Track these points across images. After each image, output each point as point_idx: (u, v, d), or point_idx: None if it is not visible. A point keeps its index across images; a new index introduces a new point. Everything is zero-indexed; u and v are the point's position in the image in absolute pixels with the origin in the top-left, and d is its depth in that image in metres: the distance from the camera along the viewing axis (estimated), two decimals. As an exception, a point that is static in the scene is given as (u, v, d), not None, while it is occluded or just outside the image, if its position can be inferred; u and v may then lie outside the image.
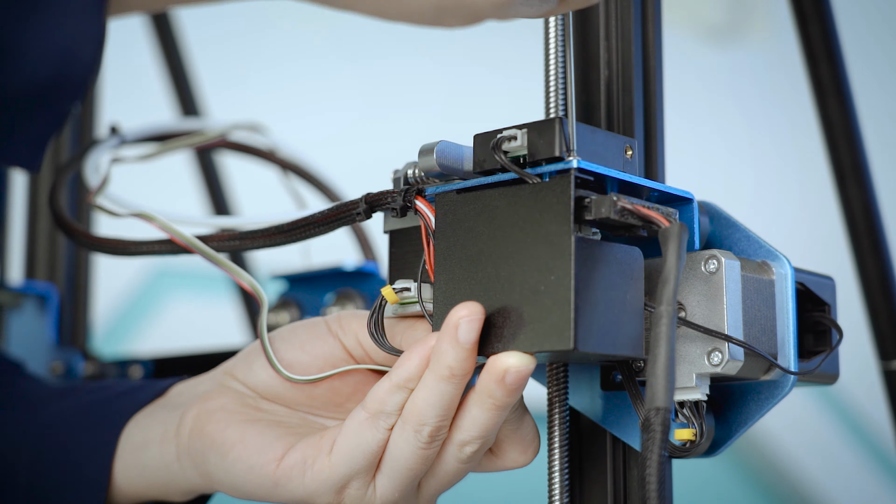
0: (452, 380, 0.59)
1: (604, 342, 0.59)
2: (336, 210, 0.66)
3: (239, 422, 0.66)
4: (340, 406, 0.67)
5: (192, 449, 0.67)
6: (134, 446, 0.71)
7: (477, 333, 0.59)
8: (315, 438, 0.64)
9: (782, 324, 0.65)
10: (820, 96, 0.98)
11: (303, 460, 0.63)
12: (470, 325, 0.58)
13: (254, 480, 0.64)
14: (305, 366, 0.66)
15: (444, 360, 0.59)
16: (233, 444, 0.65)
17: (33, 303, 1.11)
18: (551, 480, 0.66)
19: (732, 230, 0.67)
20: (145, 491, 0.71)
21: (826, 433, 2.42)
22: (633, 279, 0.60)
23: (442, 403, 0.60)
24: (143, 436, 0.70)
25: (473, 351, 0.59)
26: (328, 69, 2.22)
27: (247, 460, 0.64)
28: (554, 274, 0.58)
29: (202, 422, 0.67)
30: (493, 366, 0.58)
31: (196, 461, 0.67)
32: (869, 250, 0.99)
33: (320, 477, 0.62)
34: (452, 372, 0.59)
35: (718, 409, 0.67)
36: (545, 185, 0.59)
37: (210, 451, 0.66)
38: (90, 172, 0.81)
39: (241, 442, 0.65)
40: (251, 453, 0.64)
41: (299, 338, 0.66)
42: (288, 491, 0.64)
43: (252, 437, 0.65)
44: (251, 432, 0.65)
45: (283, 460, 0.63)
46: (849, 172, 0.98)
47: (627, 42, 0.69)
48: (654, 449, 0.52)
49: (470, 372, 0.60)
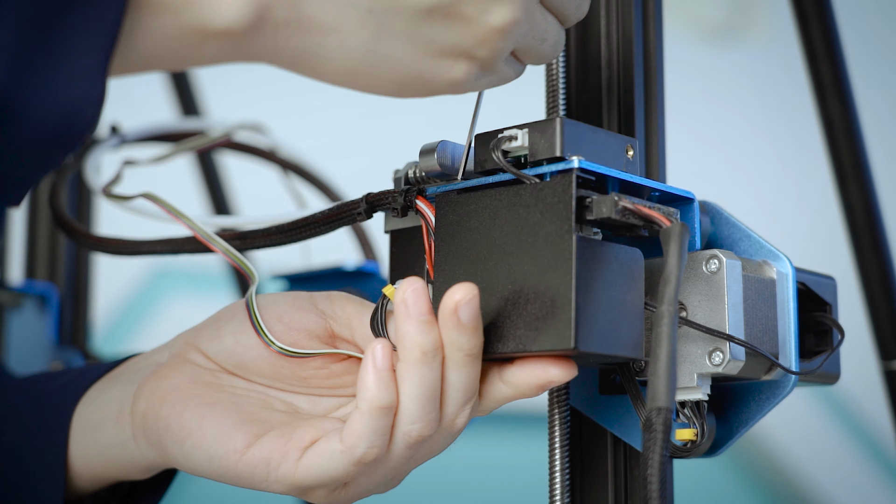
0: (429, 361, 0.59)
1: (604, 343, 0.58)
2: (337, 210, 0.66)
3: (196, 405, 0.64)
4: (304, 380, 0.65)
5: (147, 430, 0.65)
6: (91, 425, 0.69)
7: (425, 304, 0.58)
8: (281, 440, 0.62)
9: (783, 324, 0.65)
10: (820, 96, 0.98)
11: (267, 461, 0.61)
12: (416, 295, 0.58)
13: (214, 469, 0.63)
14: (278, 335, 0.64)
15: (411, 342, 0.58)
16: (189, 431, 0.63)
17: (33, 303, 1.11)
18: (552, 480, 0.66)
19: (733, 230, 0.67)
20: (104, 471, 0.69)
21: (826, 433, 2.42)
22: (634, 280, 0.60)
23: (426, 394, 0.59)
24: (98, 414, 0.69)
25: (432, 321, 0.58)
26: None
27: (206, 450, 0.63)
28: (555, 273, 0.58)
29: (156, 403, 0.65)
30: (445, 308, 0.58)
31: (152, 442, 0.65)
32: (870, 250, 0.99)
33: (285, 480, 0.61)
34: (424, 351, 0.58)
35: (719, 409, 0.67)
36: (546, 184, 0.59)
37: (166, 436, 0.64)
38: (90, 172, 0.81)
39: (198, 429, 0.63)
40: (210, 443, 0.63)
41: (278, 308, 0.65)
42: (249, 484, 0.62)
43: (210, 425, 0.63)
44: (209, 419, 0.63)
45: (246, 455, 0.62)
46: (849, 172, 0.98)
47: (628, 42, 0.69)
48: (656, 449, 0.52)
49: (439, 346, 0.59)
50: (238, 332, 0.65)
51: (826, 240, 1.51)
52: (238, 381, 0.66)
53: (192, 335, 0.67)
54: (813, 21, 0.97)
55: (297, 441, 0.62)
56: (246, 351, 0.65)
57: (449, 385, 0.60)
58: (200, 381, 0.65)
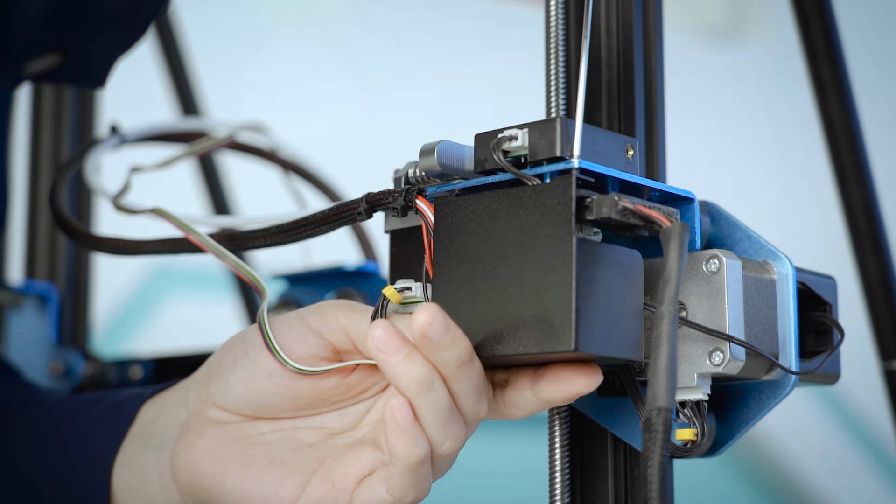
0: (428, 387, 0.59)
1: (604, 344, 0.58)
2: (337, 210, 0.66)
3: (234, 469, 0.65)
4: (325, 400, 0.65)
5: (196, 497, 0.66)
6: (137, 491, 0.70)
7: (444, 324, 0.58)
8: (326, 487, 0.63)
9: (783, 323, 0.65)
10: (820, 95, 0.98)
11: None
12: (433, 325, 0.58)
13: None
14: (284, 373, 0.64)
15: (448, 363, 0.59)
16: (237, 497, 0.64)
17: (33, 303, 1.11)
18: (552, 480, 0.66)
19: (734, 230, 0.67)
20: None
21: (826, 433, 2.42)
22: (633, 282, 0.60)
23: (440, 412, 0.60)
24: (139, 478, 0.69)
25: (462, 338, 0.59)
26: (328, 69, 2.22)
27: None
28: (555, 275, 0.58)
29: (196, 475, 0.66)
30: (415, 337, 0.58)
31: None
32: (870, 250, 0.99)
33: None
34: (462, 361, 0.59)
35: (719, 409, 0.67)
36: (546, 186, 0.59)
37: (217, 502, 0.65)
38: (90, 172, 0.81)
39: (244, 495, 0.64)
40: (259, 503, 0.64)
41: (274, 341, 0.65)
42: None
43: (254, 488, 0.64)
44: (250, 482, 0.64)
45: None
46: (850, 172, 0.98)
47: (628, 42, 0.69)
48: (656, 449, 0.52)
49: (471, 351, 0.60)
50: (247, 379, 0.65)
51: (826, 239, 1.51)
52: (263, 424, 0.66)
53: (203, 390, 0.67)
54: (813, 20, 0.97)
55: (341, 486, 0.63)
56: (261, 395, 0.65)
57: (458, 393, 0.60)
58: (229, 439, 0.66)
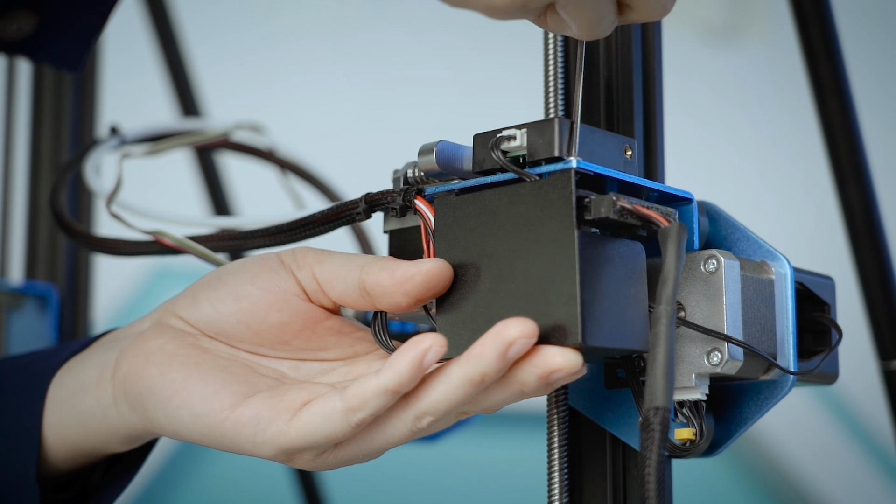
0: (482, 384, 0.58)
1: (610, 336, 0.59)
2: (336, 210, 0.67)
3: (181, 365, 0.63)
4: (287, 343, 0.65)
5: (129, 392, 0.64)
6: (68, 393, 0.68)
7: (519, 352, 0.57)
8: (272, 400, 0.61)
9: (782, 324, 0.65)
10: (819, 96, 0.98)
11: (256, 420, 0.60)
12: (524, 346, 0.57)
13: (199, 430, 0.62)
14: (255, 299, 0.64)
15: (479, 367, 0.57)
16: (175, 390, 0.62)
17: (33, 303, 1.11)
18: (551, 480, 0.66)
19: (732, 230, 0.68)
20: (83, 441, 0.68)
21: (826, 433, 2.42)
22: (637, 273, 0.60)
23: (459, 402, 0.59)
24: (77, 381, 0.68)
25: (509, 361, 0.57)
26: (328, 69, 2.22)
27: (191, 408, 0.62)
28: (558, 269, 0.58)
29: (140, 364, 0.64)
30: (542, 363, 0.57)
31: (135, 405, 0.65)
32: (868, 250, 0.99)
33: (273, 442, 0.60)
34: (485, 378, 0.57)
35: (718, 409, 0.67)
36: (545, 181, 0.59)
37: (150, 396, 0.63)
38: (90, 173, 0.82)
39: (184, 389, 0.62)
40: (195, 401, 0.62)
41: (249, 271, 0.64)
42: (235, 445, 0.61)
43: (196, 384, 0.62)
44: (194, 377, 0.62)
45: (234, 413, 0.61)
46: (848, 172, 0.98)
47: (627, 42, 0.69)
48: (654, 448, 0.52)
49: None
50: (215, 300, 0.65)
51: (825, 240, 1.51)
52: (221, 346, 0.65)
53: (170, 303, 0.67)
54: (812, 21, 0.97)
55: (288, 402, 0.61)
56: (225, 319, 0.64)
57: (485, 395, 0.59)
58: (184, 343, 0.64)
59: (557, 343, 0.58)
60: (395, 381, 0.57)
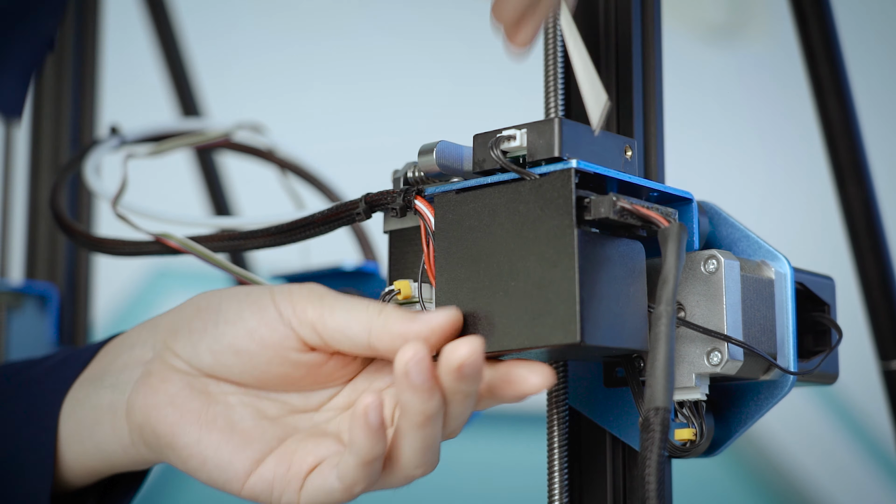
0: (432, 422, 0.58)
1: (609, 335, 0.59)
2: (336, 210, 0.67)
3: (192, 424, 0.64)
4: (293, 384, 0.65)
5: (147, 442, 0.65)
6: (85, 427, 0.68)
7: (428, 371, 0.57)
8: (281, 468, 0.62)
9: (782, 324, 0.65)
10: (819, 96, 0.98)
11: (268, 491, 0.62)
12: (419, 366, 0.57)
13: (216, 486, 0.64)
14: (255, 354, 0.63)
15: (413, 409, 0.58)
16: (189, 454, 0.64)
17: (33, 303, 1.11)
18: (551, 480, 0.66)
19: (732, 230, 0.68)
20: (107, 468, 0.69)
21: (826, 433, 2.42)
22: (636, 273, 0.61)
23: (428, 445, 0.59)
24: (91, 416, 0.68)
25: (434, 387, 0.58)
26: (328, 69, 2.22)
27: (207, 475, 0.63)
28: (557, 268, 0.58)
29: (153, 420, 0.64)
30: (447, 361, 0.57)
31: (154, 451, 0.66)
32: (868, 250, 0.99)
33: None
34: (427, 416, 0.58)
35: (718, 409, 0.67)
36: (546, 180, 0.59)
37: (168, 451, 0.64)
38: (90, 173, 0.82)
39: (198, 454, 0.63)
40: (210, 468, 0.63)
41: (247, 324, 0.63)
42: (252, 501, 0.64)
43: (209, 451, 0.63)
44: (206, 443, 0.63)
45: (248, 483, 0.63)
46: (848, 172, 0.98)
47: (627, 42, 0.69)
48: (654, 449, 0.52)
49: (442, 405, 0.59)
50: (216, 352, 0.64)
51: (825, 240, 1.51)
52: (228, 386, 0.65)
53: (170, 340, 0.66)
54: (812, 21, 0.97)
55: (296, 470, 0.62)
56: (228, 369, 0.64)
57: (450, 415, 0.60)
58: (193, 391, 0.65)
59: (557, 342, 0.58)
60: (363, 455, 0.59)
